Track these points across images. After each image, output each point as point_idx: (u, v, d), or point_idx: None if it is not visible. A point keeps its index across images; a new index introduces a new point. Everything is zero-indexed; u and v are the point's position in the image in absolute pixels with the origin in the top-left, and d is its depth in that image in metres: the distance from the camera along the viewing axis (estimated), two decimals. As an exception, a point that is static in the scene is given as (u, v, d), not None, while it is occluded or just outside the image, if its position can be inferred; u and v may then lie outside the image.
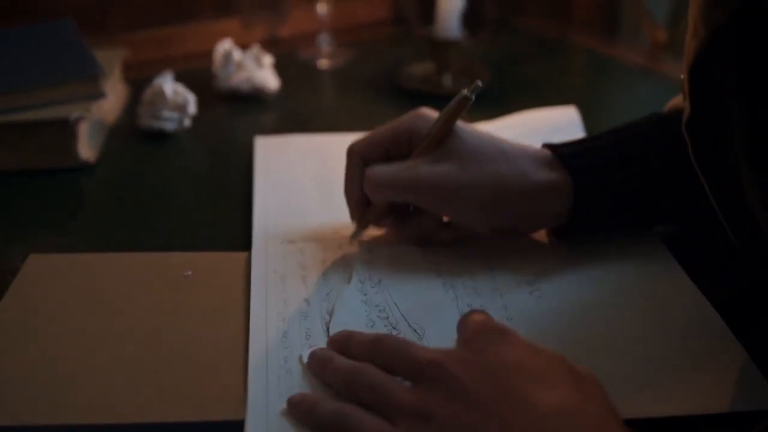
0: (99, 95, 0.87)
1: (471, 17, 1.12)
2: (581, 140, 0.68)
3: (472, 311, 0.54)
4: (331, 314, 0.61)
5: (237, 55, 1.01)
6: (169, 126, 0.91)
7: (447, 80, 1.04)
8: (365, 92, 1.05)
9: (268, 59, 1.03)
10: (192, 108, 0.92)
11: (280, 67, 1.06)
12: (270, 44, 1.21)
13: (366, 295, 0.63)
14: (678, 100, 0.70)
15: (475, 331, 0.50)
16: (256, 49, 1.03)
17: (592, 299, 0.63)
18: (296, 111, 1.00)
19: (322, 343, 0.58)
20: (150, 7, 1.16)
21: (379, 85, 1.06)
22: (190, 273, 0.65)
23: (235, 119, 0.98)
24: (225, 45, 1.02)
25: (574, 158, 0.65)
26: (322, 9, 1.15)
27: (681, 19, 1.29)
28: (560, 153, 0.65)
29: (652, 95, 1.05)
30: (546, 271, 0.66)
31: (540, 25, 1.31)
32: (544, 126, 0.88)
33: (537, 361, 0.47)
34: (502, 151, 0.65)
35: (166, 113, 0.90)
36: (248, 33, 1.21)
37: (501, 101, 1.00)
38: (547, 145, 0.67)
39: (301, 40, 1.22)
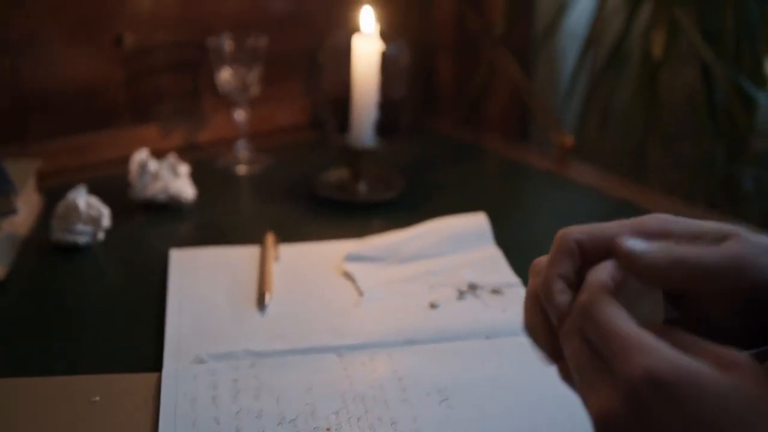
0: (10, 212, 0.86)
1: (386, 125, 1.16)
2: None
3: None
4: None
5: (152, 165, 1.02)
6: (83, 240, 0.91)
7: (362, 187, 1.06)
8: (282, 200, 1.06)
9: (184, 168, 1.04)
10: (106, 221, 0.92)
11: (198, 174, 1.07)
12: (189, 150, 1.23)
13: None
14: None
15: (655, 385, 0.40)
16: (172, 158, 1.04)
17: (503, 408, 0.64)
18: (213, 221, 1.01)
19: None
20: (67, 115, 1.16)
21: (296, 193, 1.08)
22: (98, 398, 0.64)
23: (150, 230, 0.98)
24: (141, 155, 1.03)
25: None
26: (239, 116, 1.17)
27: (587, 124, 1.35)
28: None
29: (559, 199, 1.09)
30: (457, 381, 0.68)
31: (454, 129, 1.35)
32: (454, 235, 0.90)
33: None
34: None
35: (80, 227, 0.90)
36: (167, 139, 1.22)
37: (415, 208, 1.03)
38: None
39: (220, 145, 1.24)
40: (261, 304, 0.79)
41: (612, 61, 1.33)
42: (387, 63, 1.08)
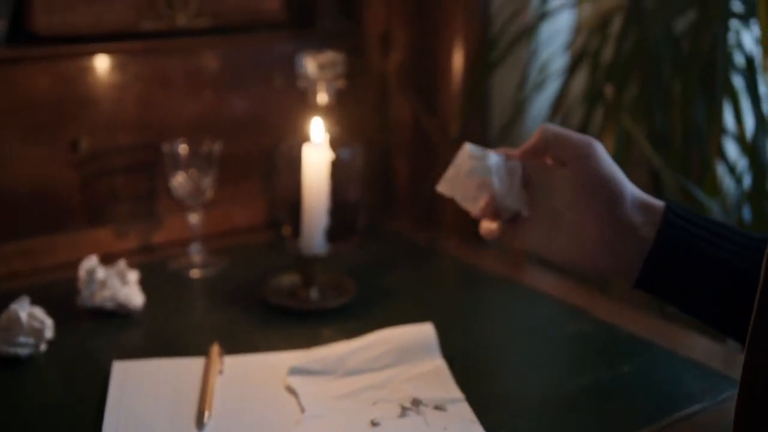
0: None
1: (340, 227, 1.16)
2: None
3: None
4: None
5: (101, 272, 1.01)
6: (24, 352, 0.89)
7: (313, 294, 1.06)
8: (233, 306, 1.05)
9: (133, 275, 1.03)
10: (49, 332, 0.91)
11: (150, 278, 1.07)
12: (143, 252, 1.22)
13: None
14: None
15: None
16: (121, 264, 1.04)
17: None
18: (161, 329, 1.00)
19: None
20: (20, 217, 1.15)
21: (248, 298, 1.07)
22: None
23: (96, 340, 0.97)
24: (90, 262, 1.02)
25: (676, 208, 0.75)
26: (193, 219, 1.17)
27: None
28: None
29: (512, 306, 1.09)
30: None
31: (411, 231, 1.35)
32: (400, 347, 0.90)
33: None
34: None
35: (22, 339, 0.89)
36: (121, 242, 1.22)
37: (366, 314, 1.02)
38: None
39: (175, 246, 1.23)
40: (200, 422, 0.78)
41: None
42: (341, 167, 1.09)
